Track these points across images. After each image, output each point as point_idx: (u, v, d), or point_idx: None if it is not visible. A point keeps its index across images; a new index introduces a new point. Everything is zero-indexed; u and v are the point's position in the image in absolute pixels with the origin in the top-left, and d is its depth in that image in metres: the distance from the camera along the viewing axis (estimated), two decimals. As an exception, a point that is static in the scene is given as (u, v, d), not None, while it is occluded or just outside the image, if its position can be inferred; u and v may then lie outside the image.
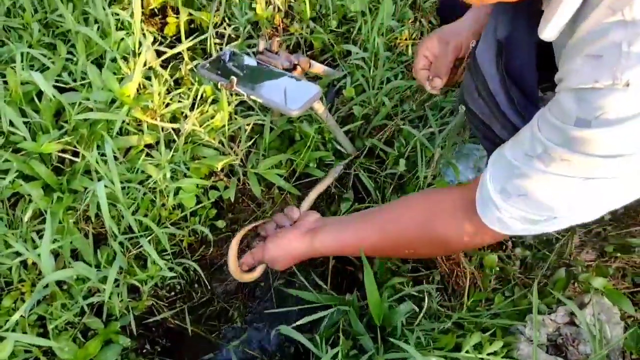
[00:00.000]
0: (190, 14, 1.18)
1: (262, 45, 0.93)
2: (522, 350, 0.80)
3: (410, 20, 1.25)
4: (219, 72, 0.90)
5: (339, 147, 1.16)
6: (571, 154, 0.53)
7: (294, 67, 0.94)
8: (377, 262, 0.97)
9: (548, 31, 0.57)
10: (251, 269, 0.96)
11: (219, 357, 1.04)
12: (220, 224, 1.10)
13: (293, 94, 0.86)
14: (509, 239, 0.99)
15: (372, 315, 0.85)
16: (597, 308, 0.80)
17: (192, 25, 1.27)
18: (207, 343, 1.05)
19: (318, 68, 1.11)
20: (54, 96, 0.85)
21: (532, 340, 0.82)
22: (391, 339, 0.79)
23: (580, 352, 0.79)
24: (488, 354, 0.76)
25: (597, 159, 0.52)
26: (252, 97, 0.85)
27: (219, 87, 0.87)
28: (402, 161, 1.09)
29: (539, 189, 0.59)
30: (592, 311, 0.79)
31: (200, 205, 1.03)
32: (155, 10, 1.27)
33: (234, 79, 0.83)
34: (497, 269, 0.92)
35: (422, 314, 0.79)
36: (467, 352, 0.76)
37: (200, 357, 1.01)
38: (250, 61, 0.97)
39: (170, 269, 0.97)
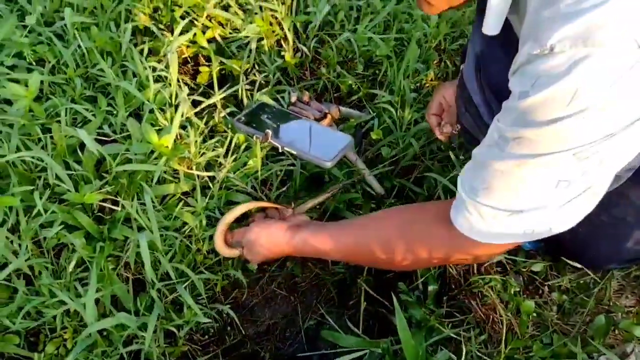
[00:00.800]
0: (221, 63, 1.23)
1: (294, 97, 0.96)
2: (564, 402, 0.78)
3: (435, 62, 1.27)
4: (254, 125, 0.93)
5: (367, 188, 1.17)
6: (520, 130, 0.54)
7: (325, 116, 0.97)
8: (411, 307, 0.96)
9: (486, 25, 0.61)
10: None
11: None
12: (252, 266, 1.11)
13: (325, 145, 0.88)
14: (543, 283, 0.98)
15: (408, 364, 0.85)
16: (641, 358, 0.78)
17: (223, 72, 1.32)
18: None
19: (346, 112, 1.13)
20: (97, 150, 0.89)
21: (573, 391, 0.80)
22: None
23: (625, 403, 0.77)
24: (529, 407, 0.75)
25: (544, 129, 0.52)
26: (287, 149, 0.88)
27: (254, 139, 0.89)
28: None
29: (498, 177, 0.59)
30: (636, 361, 0.77)
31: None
32: (188, 58, 1.32)
33: (269, 132, 0.86)
34: (534, 314, 0.91)
35: (460, 364, 0.78)
36: (507, 404, 0.75)
37: (235, 401, 1.02)
38: (282, 112, 1.00)
39: (205, 314, 0.98)
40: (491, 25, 0.62)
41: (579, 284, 0.96)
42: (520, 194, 0.59)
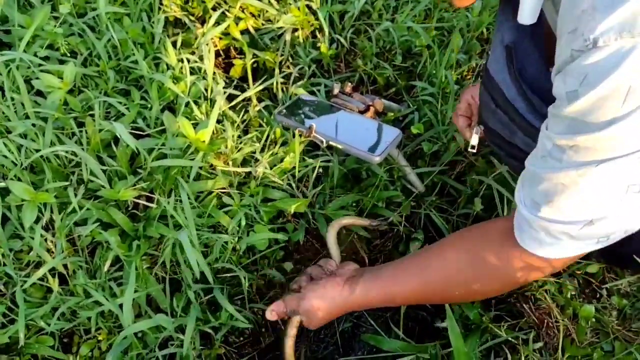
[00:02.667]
0: (255, 55, 1.19)
1: (336, 88, 0.91)
2: (633, 416, 0.72)
3: (477, 52, 1.22)
4: (296, 118, 0.89)
5: (408, 185, 1.12)
6: (575, 137, 0.51)
7: (368, 109, 0.92)
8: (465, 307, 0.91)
9: (522, 14, 0.58)
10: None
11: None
12: (287, 266, 1.07)
13: (373, 139, 0.83)
14: (601, 287, 0.92)
15: (460, 371, 0.80)
16: None
17: (255, 65, 1.28)
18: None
19: (386, 105, 1.08)
20: (132, 144, 0.86)
21: (642, 404, 0.74)
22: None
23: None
24: (594, 419, 0.69)
25: (601, 134, 0.48)
26: (332, 143, 0.83)
27: (297, 133, 0.85)
28: (477, 200, 1.04)
29: (561, 190, 0.55)
30: None
31: (269, 249, 1.01)
32: (220, 51, 1.28)
33: (314, 125, 0.82)
34: (593, 320, 0.85)
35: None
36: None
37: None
38: (325, 104, 0.95)
39: (241, 314, 0.95)
40: (527, 14, 0.59)
41: (639, 287, 0.90)
42: (589, 205, 0.55)
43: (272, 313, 0.88)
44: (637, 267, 0.88)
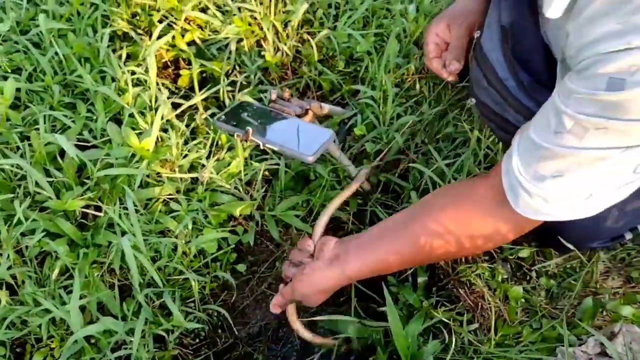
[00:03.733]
0: (202, 65, 1.22)
1: (274, 94, 0.95)
2: (555, 385, 0.78)
3: (415, 56, 1.28)
4: (235, 123, 0.93)
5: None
6: (606, 122, 0.51)
7: (306, 112, 0.96)
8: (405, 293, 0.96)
9: (553, 9, 0.57)
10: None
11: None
12: (241, 267, 1.11)
13: (307, 140, 0.88)
14: (531, 269, 0.98)
15: (400, 354, 0.85)
16: (628, 337, 0.78)
17: (204, 75, 1.32)
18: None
19: (328, 109, 1.13)
20: (76, 156, 0.88)
21: (564, 374, 0.80)
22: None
23: (615, 383, 0.77)
24: (520, 391, 0.75)
25: (634, 123, 0.49)
26: (268, 145, 0.87)
27: (235, 137, 0.89)
28: (414, 194, 1.10)
29: (575, 167, 0.57)
30: (623, 340, 0.78)
31: (220, 251, 1.04)
32: (168, 62, 1.31)
33: (250, 129, 0.86)
34: (523, 300, 0.91)
35: (451, 351, 0.78)
36: (498, 389, 0.75)
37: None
38: (263, 110, 1.00)
39: (195, 317, 0.98)
40: (556, 8, 0.57)
41: (565, 268, 0.97)
42: (598, 184, 0.58)
43: (274, 307, 0.94)
44: (567, 248, 0.94)
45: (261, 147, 0.96)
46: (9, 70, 1.02)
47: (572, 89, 0.55)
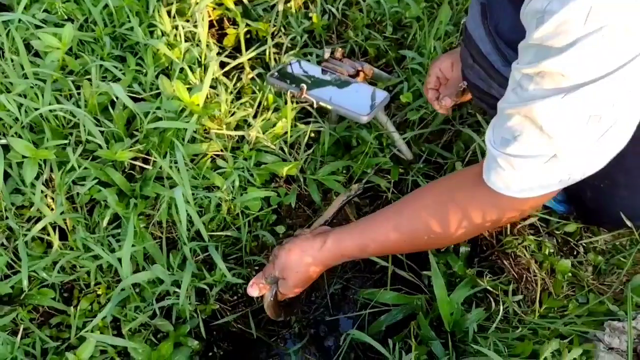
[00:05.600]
0: (247, 25, 1.21)
1: (327, 53, 0.94)
2: (603, 358, 0.77)
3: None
4: (287, 81, 0.91)
5: (397, 152, 1.16)
6: (541, 62, 0.52)
7: (358, 73, 0.95)
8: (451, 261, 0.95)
9: None
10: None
11: (280, 361, 1.05)
12: (280, 229, 1.11)
13: (362, 100, 0.86)
14: (578, 244, 0.96)
15: (443, 320, 0.85)
16: (681, 315, 0.77)
17: (248, 36, 1.30)
18: (268, 347, 1.06)
19: (376, 74, 1.11)
20: (126, 106, 0.89)
21: (611, 348, 0.79)
22: (464, 345, 0.78)
23: (665, 360, 0.76)
24: (567, 362, 0.74)
25: (564, 56, 0.50)
26: (322, 103, 0.86)
27: (289, 95, 0.88)
28: (459, 165, 1.09)
29: (527, 123, 0.57)
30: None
31: (261, 212, 1.04)
32: (214, 22, 1.30)
33: (304, 86, 0.84)
34: (569, 274, 0.90)
35: (498, 319, 0.77)
36: (545, 359, 0.74)
37: (262, 360, 1.03)
38: (315, 69, 0.98)
39: (234, 274, 0.99)
40: None
41: (614, 245, 0.95)
42: (552, 136, 0.57)
43: (252, 287, 0.87)
44: (612, 226, 0.92)
45: (314, 106, 0.95)
46: (65, 17, 1.02)
47: (519, 45, 0.57)
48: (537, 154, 0.59)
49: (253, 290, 0.87)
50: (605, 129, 0.55)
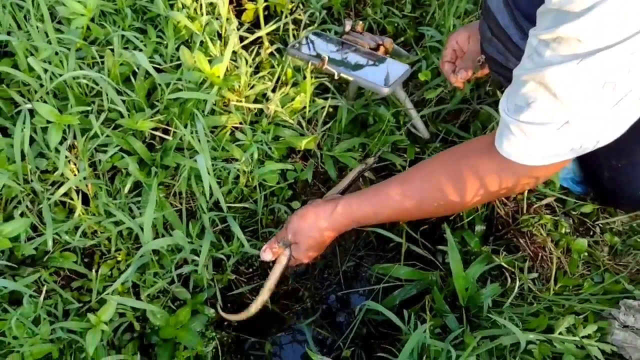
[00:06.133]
0: (266, 0, 1.20)
1: (348, 25, 0.94)
2: (617, 335, 0.78)
3: (485, 4, 1.23)
4: (308, 53, 0.92)
5: (413, 131, 1.16)
6: (559, 28, 0.52)
7: (378, 47, 0.95)
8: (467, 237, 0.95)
9: None
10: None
11: (293, 334, 1.06)
12: (295, 205, 1.12)
13: (382, 72, 0.86)
14: (594, 225, 0.96)
15: (458, 295, 0.85)
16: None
17: (267, 12, 1.30)
18: (281, 320, 1.07)
19: (395, 51, 1.11)
20: (148, 75, 0.89)
21: (626, 326, 0.79)
22: (478, 320, 0.79)
23: (680, 338, 0.76)
24: (582, 337, 0.75)
25: (582, 21, 0.49)
26: (343, 75, 0.86)
27: (309, 66, 0.88)
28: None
29: (542, 89, 0.57)
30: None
31: (277, 186, 1.05)
32: (232, -3, 1.30)
33: (325, 57, 0.85)
34: (585, 254, 0.90)
35: (513, 294, 0.78)
36: (560, 334, 0.75)
37: (275, 333, 1.04)
38: (336, 41, 0.98)
39: (251, 246, 1.00)
40: None
41: (631, 226, 0.95)
42: (566, 102, 0.56)
43: (265, 252, 0.89)
44: (630, 207, 0.92)
45: (335, 77, 0.94)
46: (84, -11, 1.02)
47: (539, 11, 0.56)
48: (549, 121, 0.59)
49: (266, 255, 0.89)
50: (620, 96, 0.55)
